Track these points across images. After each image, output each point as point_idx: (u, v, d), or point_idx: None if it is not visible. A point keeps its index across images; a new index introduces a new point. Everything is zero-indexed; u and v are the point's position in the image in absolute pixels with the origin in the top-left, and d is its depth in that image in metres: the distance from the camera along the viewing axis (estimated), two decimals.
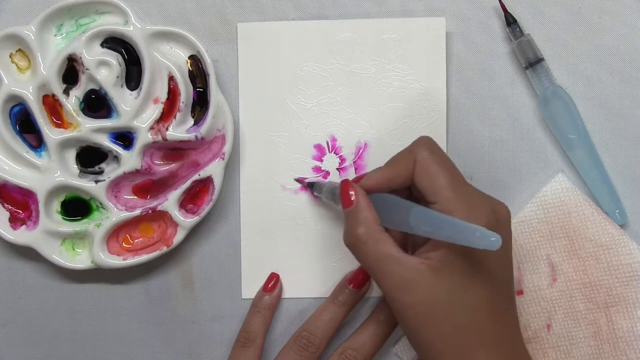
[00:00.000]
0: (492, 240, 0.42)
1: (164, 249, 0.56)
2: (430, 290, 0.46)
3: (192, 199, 0.57)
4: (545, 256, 0.56)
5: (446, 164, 0.49)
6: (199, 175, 0.56)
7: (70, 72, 0.55)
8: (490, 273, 0.47)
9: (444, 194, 0.47)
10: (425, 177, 0.48)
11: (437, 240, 0.47)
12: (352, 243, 0.49)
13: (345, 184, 0.50)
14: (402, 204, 0.48)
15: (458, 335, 0.46)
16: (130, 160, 0.55)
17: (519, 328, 0.49)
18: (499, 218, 0.48)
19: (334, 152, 0.57)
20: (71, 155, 0.56)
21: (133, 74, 0.56)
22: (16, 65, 0.56)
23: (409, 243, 0.52)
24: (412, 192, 0.51)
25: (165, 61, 0.55)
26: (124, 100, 0.55)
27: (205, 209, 0.56)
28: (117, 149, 0.56)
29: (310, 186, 0.57)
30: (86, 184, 0.56)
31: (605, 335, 0.56)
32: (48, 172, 0.55)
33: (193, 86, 0.56)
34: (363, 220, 0.49)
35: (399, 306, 0.47)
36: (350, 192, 0.50)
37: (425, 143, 0.49)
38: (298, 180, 0.57)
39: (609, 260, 0.56)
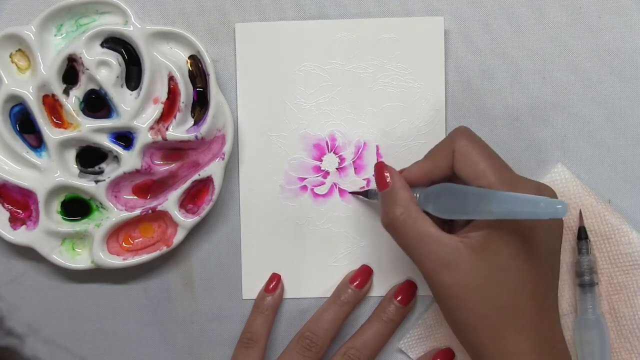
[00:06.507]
0: (558, 207, 0.41)
1: (164, 249, 0.56)
2: (469, 270, 0.46)
3: (192, 199, 0.57)
4: None
5: (485, 149, 0.49)
6: (199, 175, 0.56)
7: (70, 72, 0.55)
8: (534, 256, 0.47)
9: (487, 179, 0.47)
10: (466, 164, 0.48)
11: (477, 222, 0.47)
12: (391, 223, 0.49)
13: (379, 166, 0.51)
14: (462, 189, 0.47)
15: (496, 316, 0.46)
16: (130, 160, 0.55)
17: (559, 314, 0.49)
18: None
19: (334, 152, 0.57)
20: (71, 155, 0.56)
21: (133, 74, 0.56)
22: (16, 65, 0.56)
23: (447, 225, 0.51)
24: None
25: (165, 61, 0.55)
26: (124, 100, 0.55)
27: (205, 209, 0.56)
28: (117, 149, 0.56)
29: (365, 194, 0.57)
30: (86, 184, 0.56)
31: (609, 323, 0.56)
32: (48, 172, 0.55)
33: (193, 86, 0.56)
34: (400, 200, 0.49)
35: (437, 285, 0.47)
36: (385, 174, 0.50)
37: (462, 132, 0.50)
38: (352, 193, 0.57)
39: (609, 250, 0.56)
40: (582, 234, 0.56)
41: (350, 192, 0.57)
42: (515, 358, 0.46)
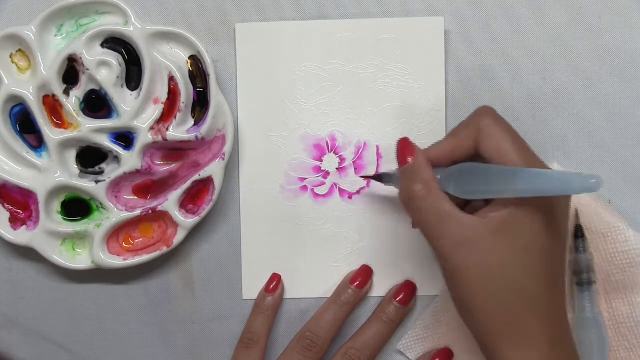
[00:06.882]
0: (592, 182, 0.41)
1: (164, 249, 0.56)
2: (488, 251, 0.46)
3: (192, 199, 0.57)
4: None
5: (509, 129, 0.48)
6: (199, 175, 0.56)
7: (70, 72, 0.55)
8: (553, 237, 0.47)
9: (510, 158, 0.47)
10: (491, 143, 0.48)
11: (498, 202, 0.46)
12: (410, 199, 0.48)
13: (403, 141, 0.50)
14: (486, 168, 0.47)
15: (511, 299, 0.46)
16: (130, 160, 0.55)
17: (566, 297, 0.49)
18: None
19: (334, 152, 0.57)
20: (71, 155, 0.56)
21: (133, 74, 0.56)
22: (16, 65, 0.56)
23: (467, 206, 0.51)
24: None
25: (165, 61, 0.55)
26: (124, 100, 0.55)
27: (205, 209, 0.56)
28: (117, 149, 0.56)
29: (378, 178, 0.55)
30: (86, 184, 0.56)
31: (606, 322, 0.56)
32: (48, 172, 0.55)
33: (193, 86, 0.56)
34: (421, 175, 0.48)
35: (453, 266, 0.47)
36: (408, 149, 0.49)
37: (486, 111, 0.49)
38: (364, 176, 0.57)
39: (605, 248, 0.56)
40: (578, 232, 0.56)
41: (361, 176, 0.57)
42: (529, 342, 0.46)
